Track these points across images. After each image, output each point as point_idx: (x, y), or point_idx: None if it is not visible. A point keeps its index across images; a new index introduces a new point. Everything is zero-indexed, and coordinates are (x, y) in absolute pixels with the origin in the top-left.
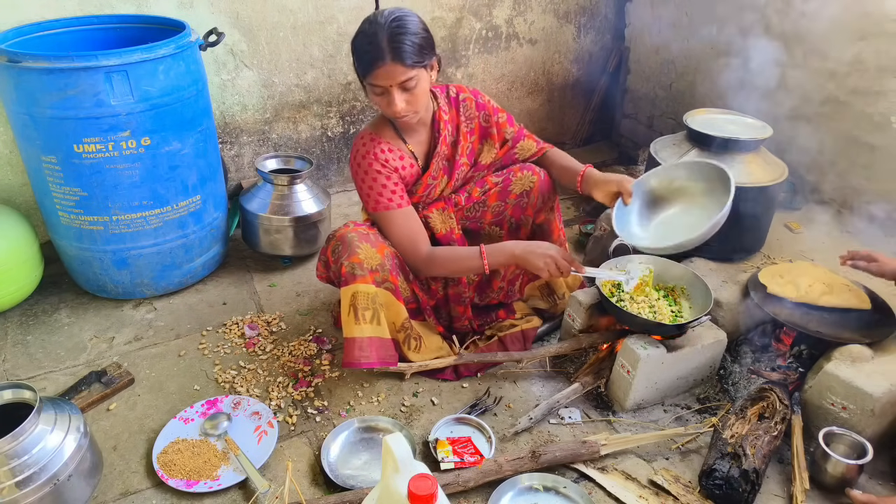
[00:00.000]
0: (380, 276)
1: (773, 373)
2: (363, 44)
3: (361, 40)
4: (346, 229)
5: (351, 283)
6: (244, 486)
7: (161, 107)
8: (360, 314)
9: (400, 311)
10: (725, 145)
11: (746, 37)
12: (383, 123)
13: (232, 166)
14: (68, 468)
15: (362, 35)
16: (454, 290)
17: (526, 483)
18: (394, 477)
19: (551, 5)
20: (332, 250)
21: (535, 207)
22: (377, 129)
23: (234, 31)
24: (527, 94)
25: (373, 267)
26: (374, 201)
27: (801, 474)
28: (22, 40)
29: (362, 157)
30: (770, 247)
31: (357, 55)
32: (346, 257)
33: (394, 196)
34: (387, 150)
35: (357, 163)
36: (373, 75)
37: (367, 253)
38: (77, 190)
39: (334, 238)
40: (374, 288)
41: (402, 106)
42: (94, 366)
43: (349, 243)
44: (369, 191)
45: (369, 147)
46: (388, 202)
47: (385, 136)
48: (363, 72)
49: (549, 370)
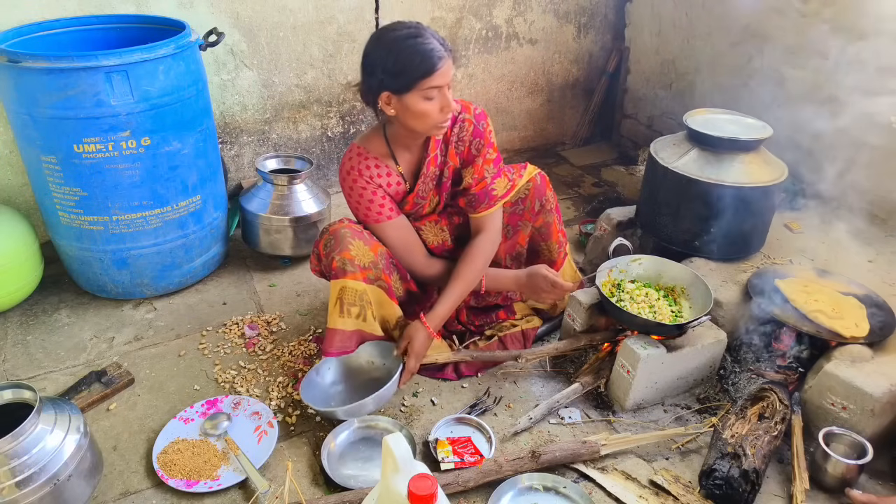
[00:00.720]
0: (372, 273)
1: (773, 373)
2: (422, 47)
3: (418, 44)
4: (341, 225)
5: (340, 278)
6: (244, 486)
7: (161, 107)
8: (345, 308)
9: (394, 309)
10: (725, 145)
11: (746, 36)
12: (375, 139)
13: (232, 166)
14: (68, 468)
15: (414, 39)
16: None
17: (526, 483)
18: (394, 477)
19: (551, 5)
20: (324, 244)
21: (532, 212)
22: (367, 145)
23: (234, 31)
24: (527, 94)
25: (364, 264)
26: (363, 215)
27: (801, 474)
28: (22, 40)
29: (347, 172)
30: (770, 247)
31: (415, 59)
32: (338, 252)
33: (382, 209)
34: (373, 166)
35: (342, 177)
36: (437, 74)
37: (360, 250)
38: (77, 190)
39: (327, 232)
40: (363, 285)
41: (455, 104)
42: (94, 366)
43: (342, 238)
44: (357, 205)
45: (355, 163)
46: (377, 215)
47: (374, 153)
48: (424, 74)
49: (549, 370)
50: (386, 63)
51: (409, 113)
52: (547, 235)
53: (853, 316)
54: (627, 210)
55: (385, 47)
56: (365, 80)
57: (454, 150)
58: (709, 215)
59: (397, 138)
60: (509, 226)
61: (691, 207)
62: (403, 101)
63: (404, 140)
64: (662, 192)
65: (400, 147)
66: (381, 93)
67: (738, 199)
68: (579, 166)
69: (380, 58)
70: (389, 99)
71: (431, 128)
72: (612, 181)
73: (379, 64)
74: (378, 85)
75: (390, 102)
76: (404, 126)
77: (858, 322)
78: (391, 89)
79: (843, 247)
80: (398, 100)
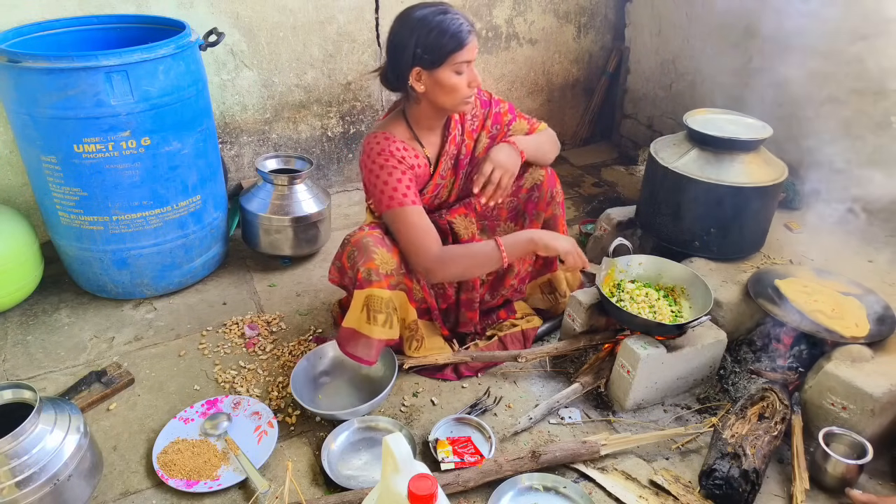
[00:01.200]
0: (395, 279)
1: (773, 373)
2: (452, 22)
3: (448, 20)
4: (362, 233)
5: (366, 288)
6: (244, 486)
7: (161, 107)
8: (372, 315)
9: (410, 312)
10: (725, 145)
11: (747, 36)
12: (397, 125)
13: (232, 166)
14: (68, 468)
15: (443, 15)
16: (467, 295)
17: (526, 483)
18: (394, 477)
19: (551, 5)
20: (347, 256)
21: (545, 202)
22: (391, 130)
23: (234, 31)
24: (527, 94)
25: (388, 272)
26: (389, 197)
27: (801, 474)
28: (22, 40)
29: (377, 153)
30: (770, 247)
31: (446, 34)
32: (363, 262)
33: (408, 192)
34: (402, 148)
35: (371, 159)
36: (466, 49)
37: (383, 258)
38: (77, 190)
39: (349, 243)
40: (388, 292)
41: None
42: (94, 366)
43: (365, 248)
44: (384, 186)
45: (385, 145)
46: (402, 198)
47: (400, 136)
48: (454, 48)
49: (549, 370)
50: (418, 39)
51: (440, 88)
52: (553, 228)
53: (853, 316)
54: (627, 210)
55: (415, 25)
56: (392, 59)
57: (469, 128)
58: (709, 215)
59: (420, 120)
60: (525, 213)
61: (691, 207)
62: (434, 75)
63: (428, 121)
64: (662, 192)
65: (424, 129)
66: (412, 69)
67: (738, 199)
68: (579, 166)
69: (410, 34)
70: (420, 75)
71: (459, 102)
72: (612, 181)
73: (410, 41)
74: (409, 61)
75: (420, 78)
76: (433, 103)
77: (858, 322)
78: (422, 65)
79: (843, 247)
80: (429, 75)
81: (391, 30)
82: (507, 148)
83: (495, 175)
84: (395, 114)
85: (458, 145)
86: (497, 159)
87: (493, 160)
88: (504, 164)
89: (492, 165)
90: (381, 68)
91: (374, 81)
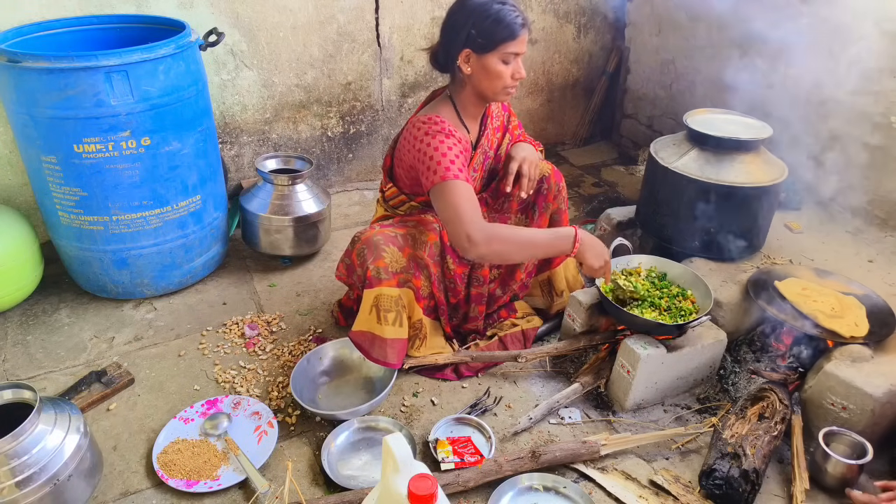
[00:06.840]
0: (403, 277)
1: (773, 373)
2: (509, 13)
3: (505, 10)
4: (372, 232)
5: (375, 286)
6: (244, 486)
7: (161, 107)
8: (382, 315)
9: (416, 310)
10: (725, 145)
11: (747, 37)
12: (445, 110)
13: (232, 166)
14: (68, 468)
15: (501, 5)
16: (477, 290)
17: (526, 483)
18: (394, 477)
19: (551, 5)
20: (357, 253)
21: (553, 193)
22: (441, 114)
23: (234, 31)
24: (527, 94)
25: (397, 270)
26: (445, 168)
27: (801, 474)
28: (22, 40)
29: (434, 129)
30: (770, 247)
31: (501, 23)
32: (372, 261)
33: (464, 167)
34: (453, 130)
35: (426, 133)
36: (518, 40)
37: (393, 256)
38: (77, 190)
39: (359, 241)
40: (396, 290)
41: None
42: (94, 366)
43: (375, 246)
44: (441, 158)
45: (439, 124)
46: (458, 171)
47: (450, 120)
48: (507, 37)
49: (549, 370)
50: (475, 23)
51: (485, 73)
52: (559, 223)
53: (853, 316)
54: (627, 210)
55: (474, 9)
56: (446, 38)
57: (494, 126)
58: (709, 215)
59: (466, 107)
60: (535, 204)
61: (691, 207)
62: (483, 60)
63: (472, 109)
64: (662, 192)
65: (469, 117)
66: (463, 50)
67: (737, 199)
68: (579, 166)
69: (468, 17)
70: (469, 57)
71: (500, 91)
72: (612, 181)
73: (467, 22)
74: (462, 42)
75: (469, 60)
76: (476, 88)
77: (858, 322)
78: (474, 48)
79: (843, 247)
80: (477, 59)
81: (450, 11)
82: (526, 144)
83: (525, 168)
84: (442, 98)
85: (490, 140)
86: (523, 155)
87: (520, 156)
88: (531, 158)
89: (522, 161)
90: (432, 47)
91: (373, 81)
